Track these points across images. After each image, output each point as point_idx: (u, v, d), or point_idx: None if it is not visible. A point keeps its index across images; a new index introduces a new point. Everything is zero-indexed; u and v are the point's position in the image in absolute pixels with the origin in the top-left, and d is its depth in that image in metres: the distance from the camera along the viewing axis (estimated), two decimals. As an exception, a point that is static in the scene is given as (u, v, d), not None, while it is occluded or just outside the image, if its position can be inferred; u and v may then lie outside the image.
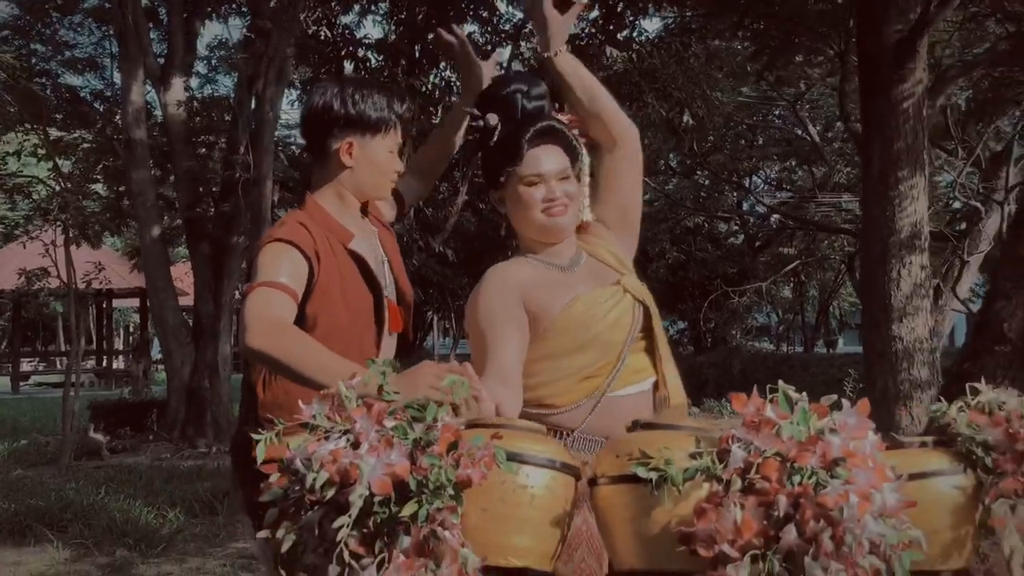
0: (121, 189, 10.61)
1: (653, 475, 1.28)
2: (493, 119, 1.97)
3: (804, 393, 1.34)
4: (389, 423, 1.30)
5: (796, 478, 1.24)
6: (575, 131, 2.01)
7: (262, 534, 1.30)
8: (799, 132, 16.59)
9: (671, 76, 11.74)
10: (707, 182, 19.07)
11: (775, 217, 19.24)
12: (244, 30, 10.24)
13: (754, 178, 20.87)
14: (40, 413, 12.68)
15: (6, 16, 10.04)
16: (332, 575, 1.25)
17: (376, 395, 1.35)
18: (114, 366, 21.54)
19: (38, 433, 10.18)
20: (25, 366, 23.05)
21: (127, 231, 12.35)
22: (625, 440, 1.38)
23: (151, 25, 10.07)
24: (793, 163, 19.58)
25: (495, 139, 1.98)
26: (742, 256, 20.63)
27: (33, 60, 9.79)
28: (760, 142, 19.50)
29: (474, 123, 2.02)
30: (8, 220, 10.05)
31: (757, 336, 26.36)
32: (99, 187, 10.81)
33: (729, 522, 1.23)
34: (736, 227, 21.59)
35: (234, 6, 10.76)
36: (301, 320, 1.91)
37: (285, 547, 1.27)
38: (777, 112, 18.01)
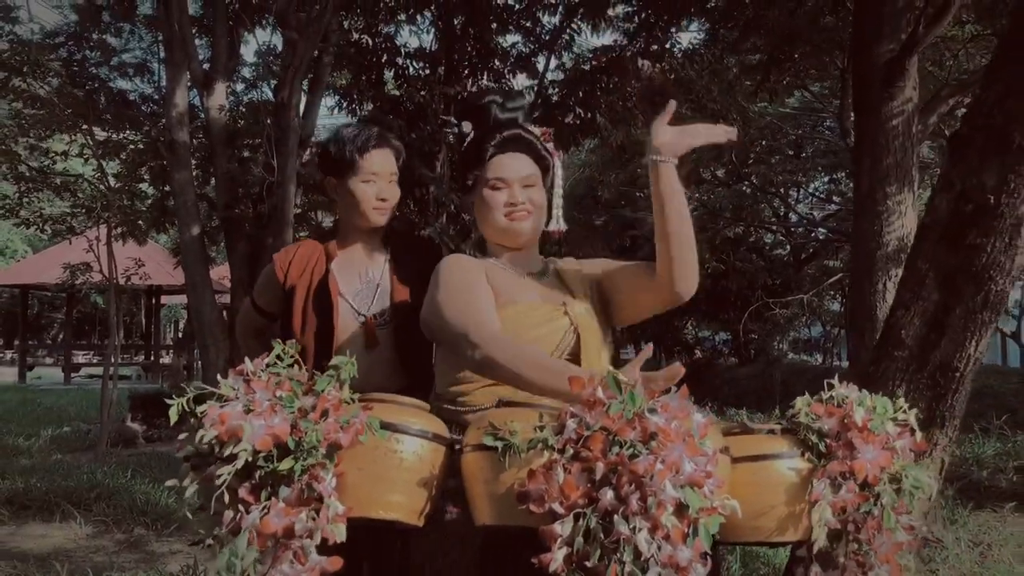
0: (166, 189, 11.03)
1: (499, 444, 1.50)
2: (466, 126, 2.09)
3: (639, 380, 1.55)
4: (280, 393, 1.55)
5: (616, 448, 1.45)
6: (548, 144, 2.08)
7: (170, 483, 1.55)
8: (846, 144, 16.53)
9: (705, 88, 11.85)
10: (749, 191, 19.01)
11: (821, 229, 19.15)
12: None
13: (800, 190, 20.80)
14: (86, 403, 13.19)
15: (61, 23, 10.50)
16: (227, 519, 1.50)
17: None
18: (162, 361, 22.14)
19: (80, 421, 10.65)
20: (80, 359, 23.79)
21: (172, 229, 12.78)
22: (487, 415, 1.59)
23: (198, 32, 10.45)
24: (841, 175, 19.49)
25: (465, 145, 2.08)
26: (785, 268, 20.52)
27: (86, 65, 10.20)
28: (807, 153, 19.44)
29: (448, 130, 2.23)
30: (58, 218, 10.48)
31: (804, 349, 26.18)
32: (145, 186, 11.21)
33: (555, 484, 1.44)
34: (782, 238, 21.49)
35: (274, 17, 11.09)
36: (283, 317, 2.38)
37: (188, 493, 1.52)
38: (826, 124, 17.99)
